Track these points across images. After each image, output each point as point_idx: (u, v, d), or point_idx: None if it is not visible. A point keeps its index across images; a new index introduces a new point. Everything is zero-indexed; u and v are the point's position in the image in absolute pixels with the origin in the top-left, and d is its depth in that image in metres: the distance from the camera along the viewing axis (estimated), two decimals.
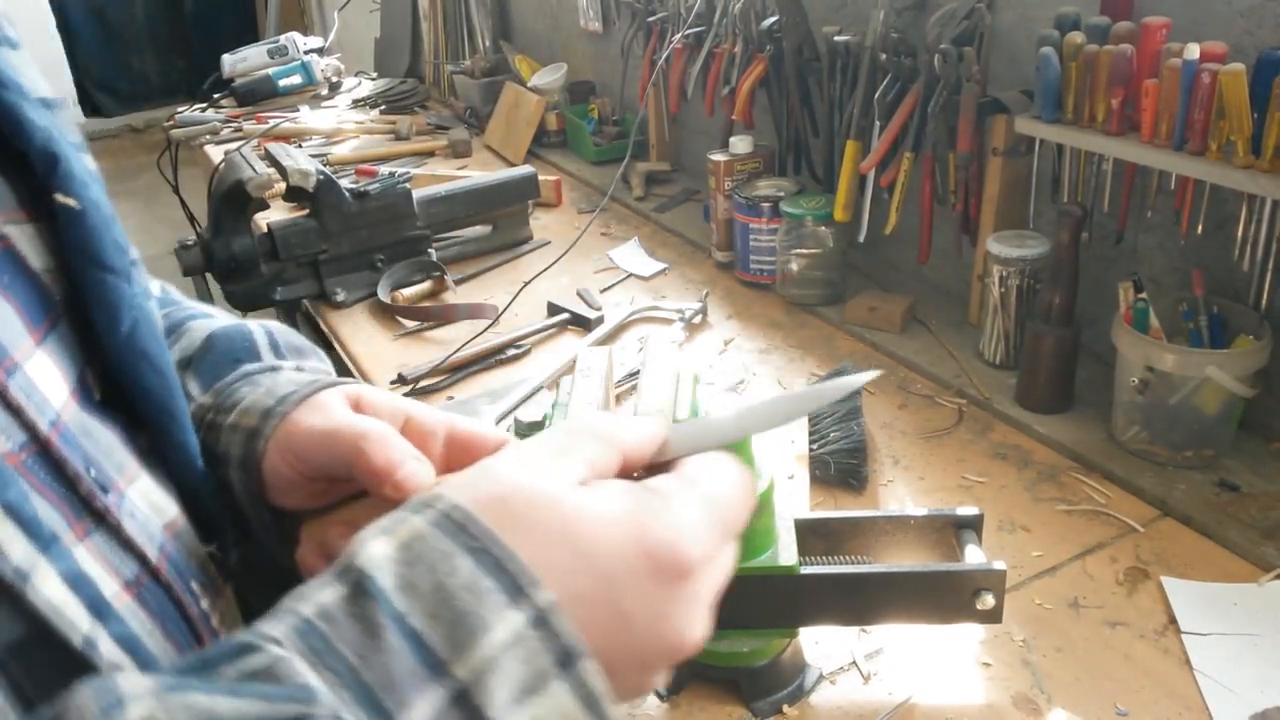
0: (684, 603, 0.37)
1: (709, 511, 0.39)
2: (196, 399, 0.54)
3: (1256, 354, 0.96)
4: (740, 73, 1.57)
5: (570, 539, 0.35)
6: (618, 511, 0.37)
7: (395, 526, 0.34)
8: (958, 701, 0.78)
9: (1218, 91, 0.91)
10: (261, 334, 0.58)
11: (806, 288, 1.42)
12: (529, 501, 0.36)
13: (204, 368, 0.55)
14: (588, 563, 0.35)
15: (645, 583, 0.36)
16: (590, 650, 0.33)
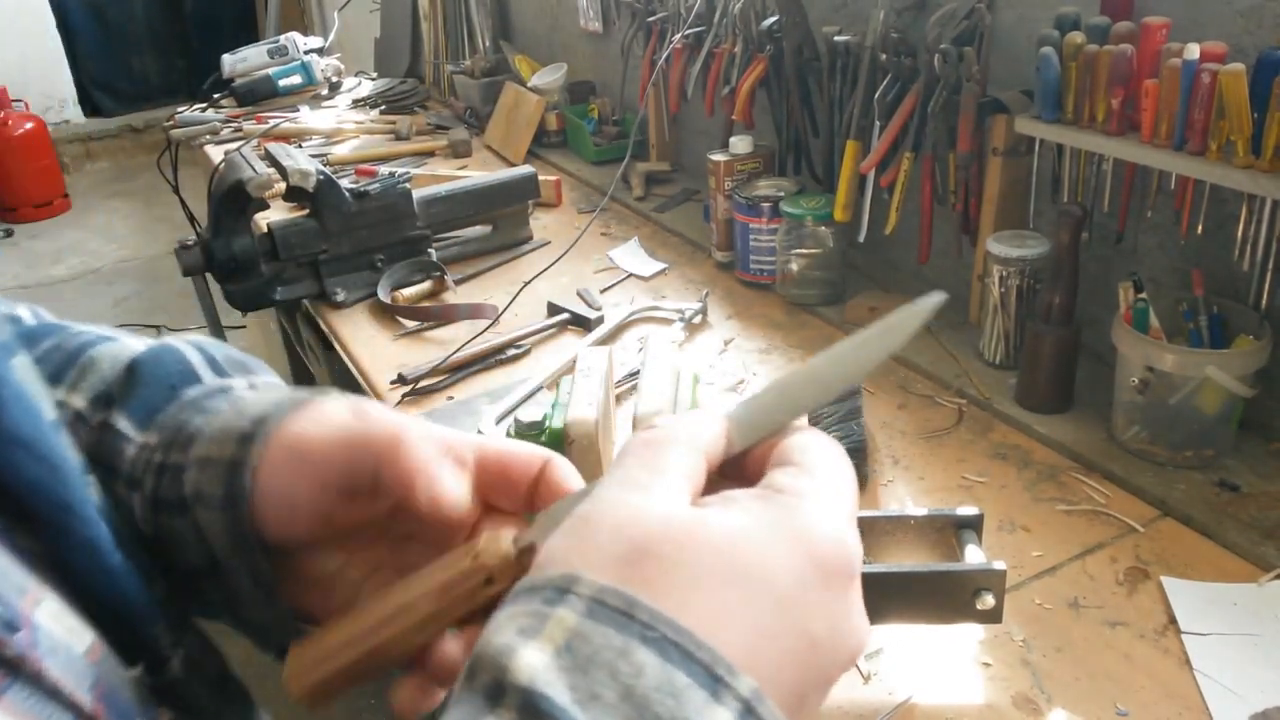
0: (856, 603, 0.34)
1: (841, 500, 0.35)
2: (135, 439, 0.45)
3: (1256, 354, 0.96)
4: (740, 73, 1.57)
5: (736, 571, 0.31)
6: (768, 524, 0.32)
7: (539, 625, 0.29)
8: (958, 701, 0.78)
9: (1218, 91, 0.91)
10: (195, 353, 0.49)
11: (806, 288, 1.42)
12: (673, 543, 0.31)
13: (133, 402, 0.46)
14: (764, 590, 0.31)
15: (823, 595, 0.32)
16: (788, 690, 0.30)
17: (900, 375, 1.25)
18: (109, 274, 4.59)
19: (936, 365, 1.24)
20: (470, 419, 1.18)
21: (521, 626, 0.28)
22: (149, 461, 0.44)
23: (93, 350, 0.48)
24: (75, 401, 0.46)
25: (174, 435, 0.44)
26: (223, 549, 0.42)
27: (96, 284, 4.49)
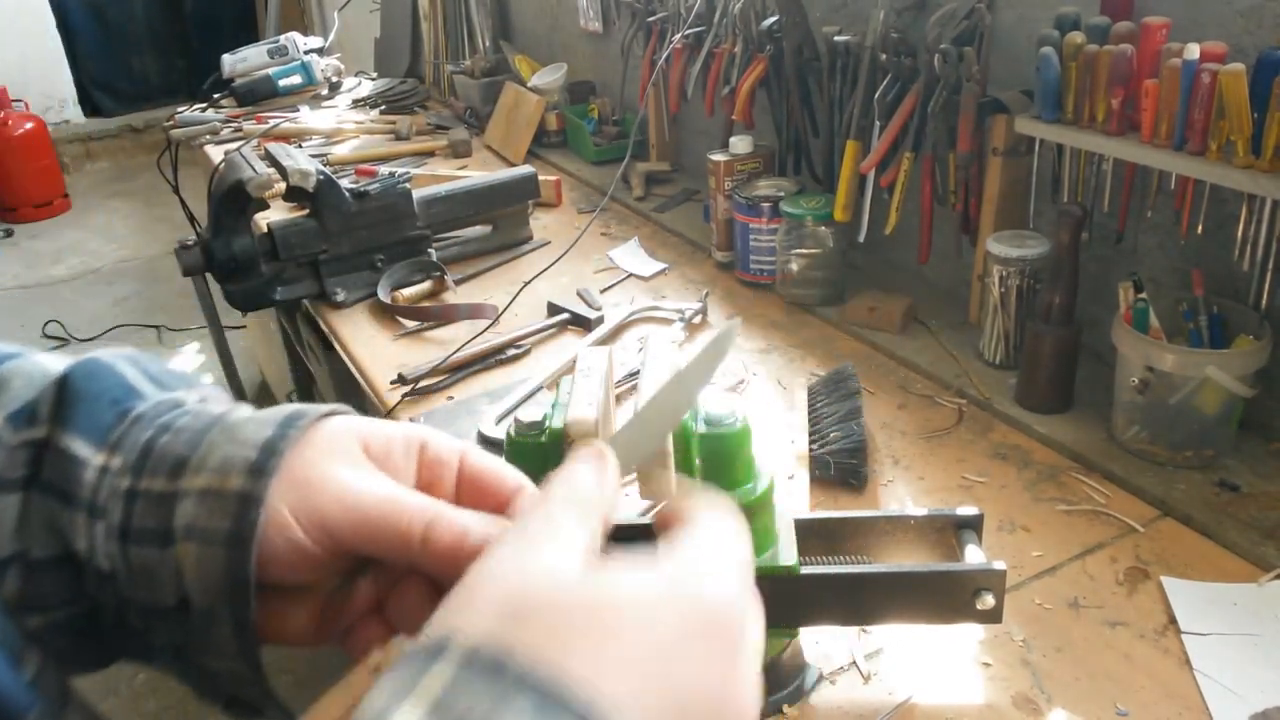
0: (743, 666, 0.33)
1: (732, 562, 0.35)
2: (91, 462, 0.41)
3: (1256, 354, 0.96)
4: (740, 73, 1.57)
5: (619, 627, 0.31)
6: (654, 583, 0.33)
7: (412, 685, 0.28)
8: (958, 701, 0.78)
9: (1218, 91, 0.91)
10: (128, 365, 0.45)
11: (806, 288, 1.42)
12: (555, 599, 0.31)
13: (79, 421, 0.42)
14: (646, 645, 0.31)
15: (708, 653, 0.32)
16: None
17: (900, 375, 1.25)
18: (109, 274, 4.59)
19: (936, 365, 1.24)
20: (470, 419, 1.18)
21: (395, 689, 0.28)
22: (114, 488, 0.41)
23: (5, 366, 0.44)
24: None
25: (143, 458, 0.41)
26: (207, 589, 0.39)
27: (96, 284, 4.49)
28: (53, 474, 0.41)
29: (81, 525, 0.40)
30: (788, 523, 0.74)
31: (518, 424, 0.69)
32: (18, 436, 0.41)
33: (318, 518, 0.40)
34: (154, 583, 0.40)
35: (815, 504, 1.01)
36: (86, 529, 0.40)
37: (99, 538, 0.40)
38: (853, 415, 1.08)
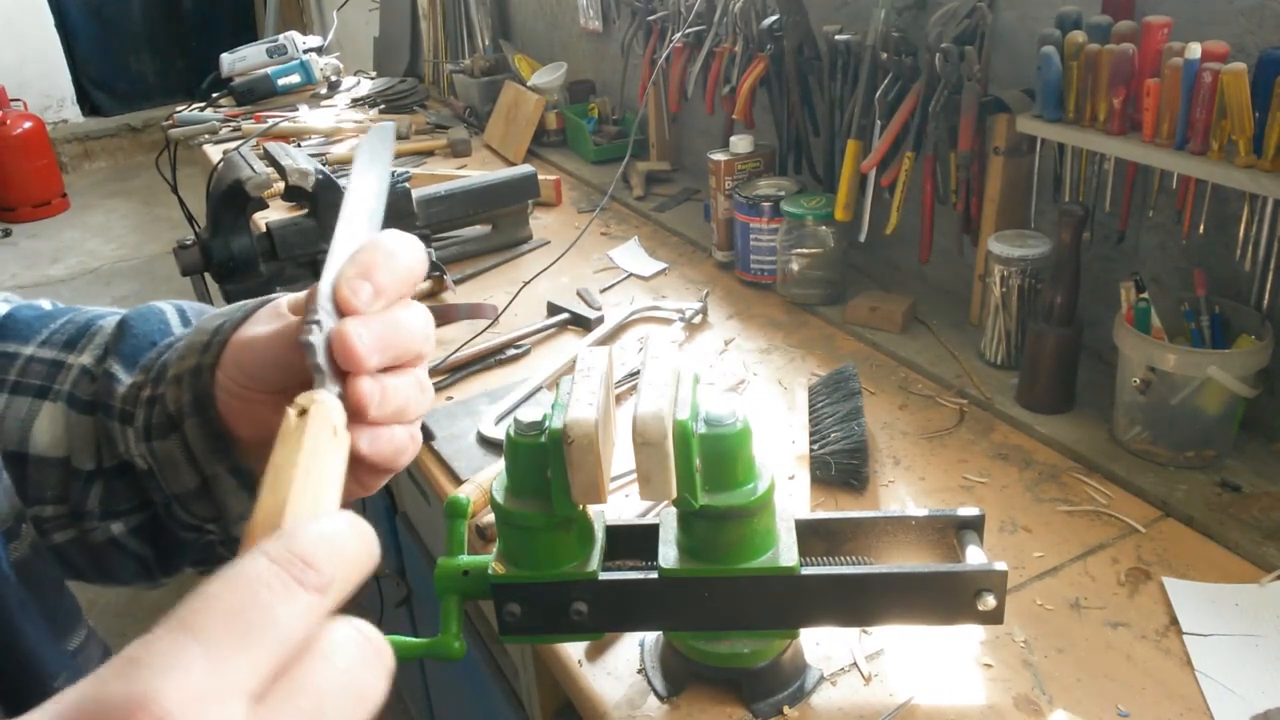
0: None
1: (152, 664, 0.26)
2: (124, 380, 0.52)
3: (1258, 354, 0.96)
4: (740, 72, 1.57)
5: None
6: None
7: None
8: (959, 703, 0.78)
9: (1219, 91, 0.90)
10: (172, 311, 0.57)
11: (807, 287, 1.42)
12: None
13: (124, 350, 0.53)
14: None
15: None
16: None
17: (901, 376, 1.25)
18: (107, 273, 4.59)
19: (937, 365, 1.24)
20: (470, 419, 1.18)
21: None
22: (138, 398, 0.50)
23: (100, 321, 0.56)
24: (84, 360, 0.53)
25: (158, 372, 0.50)
26: (204, 457, 0.48)
27: (95, 284, 4.49)
28: (103, 395, 0.50)
29: (118, 432, 0.49)
30: (788, 523, 0.74)
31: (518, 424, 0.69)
32: (99, 369, 0.52)
33: (240, 369, 0.47)
34: (177, 469, 0.48)
35: (816, 504, 1.01)
36: (122, 435, 0.49)
37: (132, 441, 0.49)
38: (853, 415, 1.08)
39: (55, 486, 0.50)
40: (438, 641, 0.73)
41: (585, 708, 0.82)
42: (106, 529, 0.51)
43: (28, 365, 0.52)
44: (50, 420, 0.50)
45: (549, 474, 0.67)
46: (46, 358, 0.53)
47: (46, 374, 0.52)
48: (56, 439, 0.50)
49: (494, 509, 0.72)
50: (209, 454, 0.48)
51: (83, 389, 0.51)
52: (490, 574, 0.73)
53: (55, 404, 0.51)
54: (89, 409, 0.50)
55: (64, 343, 0.54)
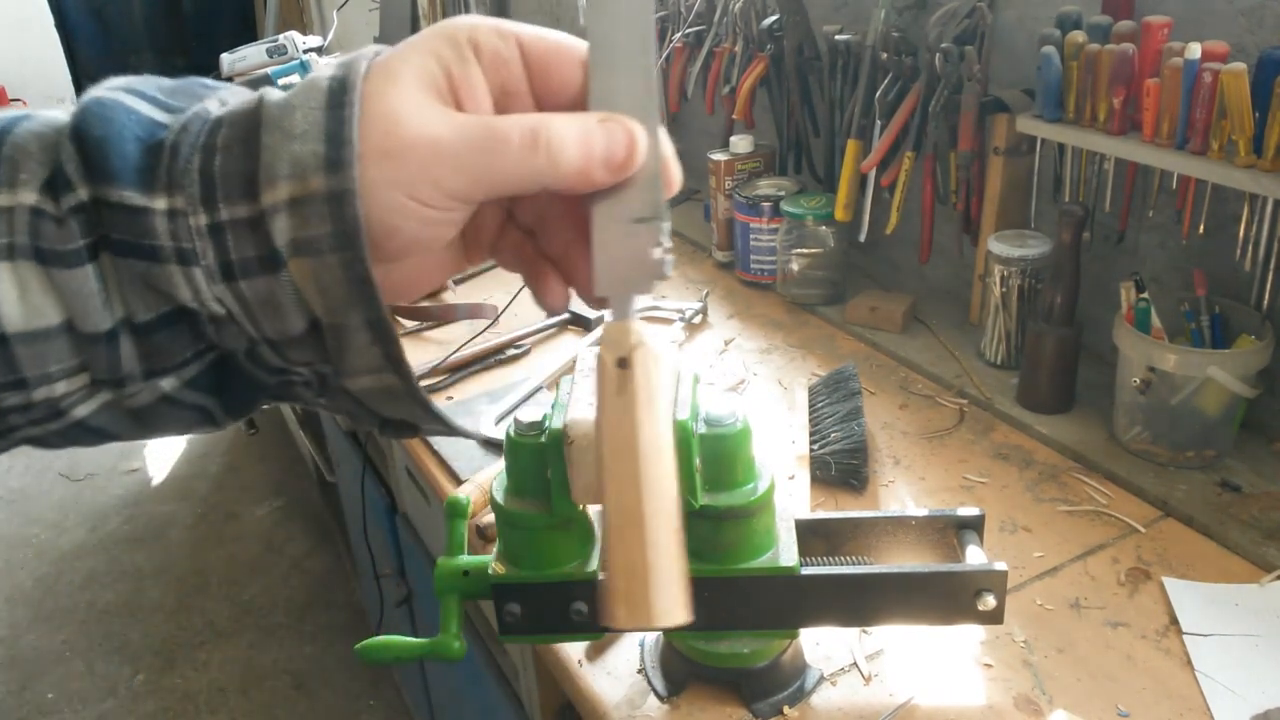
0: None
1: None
2: (155, 208, 0.38)
3: (1258, 354, 0.96)
4: (741, 72, 1.57)
5: None
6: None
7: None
8: (959, 703, 0.78)
9: (1219, 91, 0.90)
10: (133, 99, 0.41)
11: (807, 287, 1.42)
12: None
13: (115, 169, 0.38)
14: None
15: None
16: None
17: (901, 376, 1.25)
18: None
19: (938, 365, 1.24)
20: (470, 419, 1.18)
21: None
22: (195, 228, 0.37)
23: (6, 140, 0.40)
24: (25, 199, 0.38)
25: (208, 189, 0.37)
26: (332, 302, 0.37)
27: None
28: (123, 233, 0.37)
29: (178, 276, 0.37)
30: (788, 523, 0.74)
31: (518, 424, 0.69)
32: (61, 207, 0.38)
33: (418, 184, 0.37)
34: (279, 312, 0.38)
35: (816, 504, 1.01)
36: (185, 279, 0.38)
37: (201, 284, 0.38)
38: (854, 415, 1.08)
39: (62, 358, 0.39)
40: (438, 641, 0.73)
41: (585, 708, 0.82)
42: (155, 388, 0.40)
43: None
44: (14, 286, 0.38)
45: (549, 474, 0.67)
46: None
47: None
48: (36, 307, 0.38)
49: (494, 509, 0.72)
50: (340, 300, 0.37)
51: (52, 236, 0.37)
52: (490, 574, 0.73)
53: (12, 264, 0.38)
54: (85, 256, 0.38)
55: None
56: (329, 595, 2.64)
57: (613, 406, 0.35)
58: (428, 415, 0.40)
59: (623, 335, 0.37)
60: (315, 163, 0.36)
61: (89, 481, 3.20)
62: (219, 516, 2.99)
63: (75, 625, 2.61)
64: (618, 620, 0.37)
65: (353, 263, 0.36)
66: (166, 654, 2.50)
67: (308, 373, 0.40)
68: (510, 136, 0.37)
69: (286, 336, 0.38)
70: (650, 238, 0.38)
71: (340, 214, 0.35)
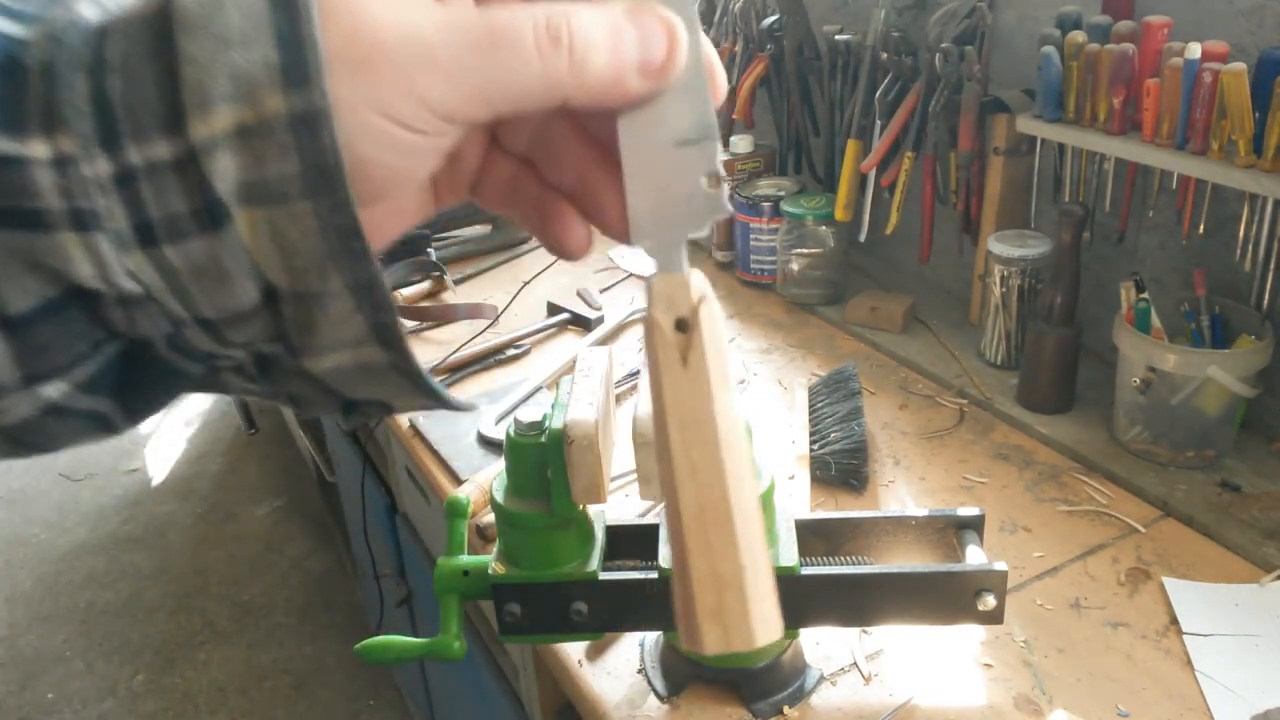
0: None
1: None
2: (31, 156, 0.26)
3: (1258, 354, 0.96)
4: (740, 72, 1.57)
5: None
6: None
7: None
8: (959, 703, 0.78)
9: (1219, 91, 0.90)
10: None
11: (807, 287, 1.42)
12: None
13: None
14: None
15: None
16: None
17: (901, 376, 1.25)
18: None
19: (938, 366, 1.24)
20: (470, 419, 1.18)
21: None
22: (92, 179, 0.27)
23: None
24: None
25: (106, 122, 0.26)
26: (299, 262, 0.27)
27: None
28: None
29: (73, 247, 0.27)
30: (788, 523, 0.74)
31: (518, 424, 0.69)
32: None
33: (398, 101, 0.27)
34: (221, 284, 0.28)
35: (816, 504, 1.01)
36: (84, 250, 0.27)
37: (107, 255, 0.27)
38: (853, 415, 1.08)
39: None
40: (438, 641, 0.73)
41: (585, 708, 0.82)
42: (36, 397, 0.30)
43: None
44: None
45: (549, 474, 0.67)
46: None
47: None
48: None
49: (494, 509, 0.72)
50: (315, 261, 0.27)
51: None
52: (490, 574, 0.73)
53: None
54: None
55: None
56: (329, 595, 2.64)
57: (678, 381, 0.29)
58: (419, 390, 0.31)
59: (679, 290, 0.31)
60: (268, 76, 0.26)
61: (89, 481, 3.20)
62: (219, 516, 2.99)
63: (75, 625, 2.61)
64: (707, 644, 0.31)
65: (334, 210, 0.27)
66: (166, 654, 2.50)
67: (244, 355, 0.31)
68: (522, 34, 0.28)
69: (230, 313, 0.29)
70: (701, 163, 0.30)
71: (313, 145, 0.26)
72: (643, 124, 0.30)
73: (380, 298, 0.28)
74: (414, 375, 0.30)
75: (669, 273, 0.32)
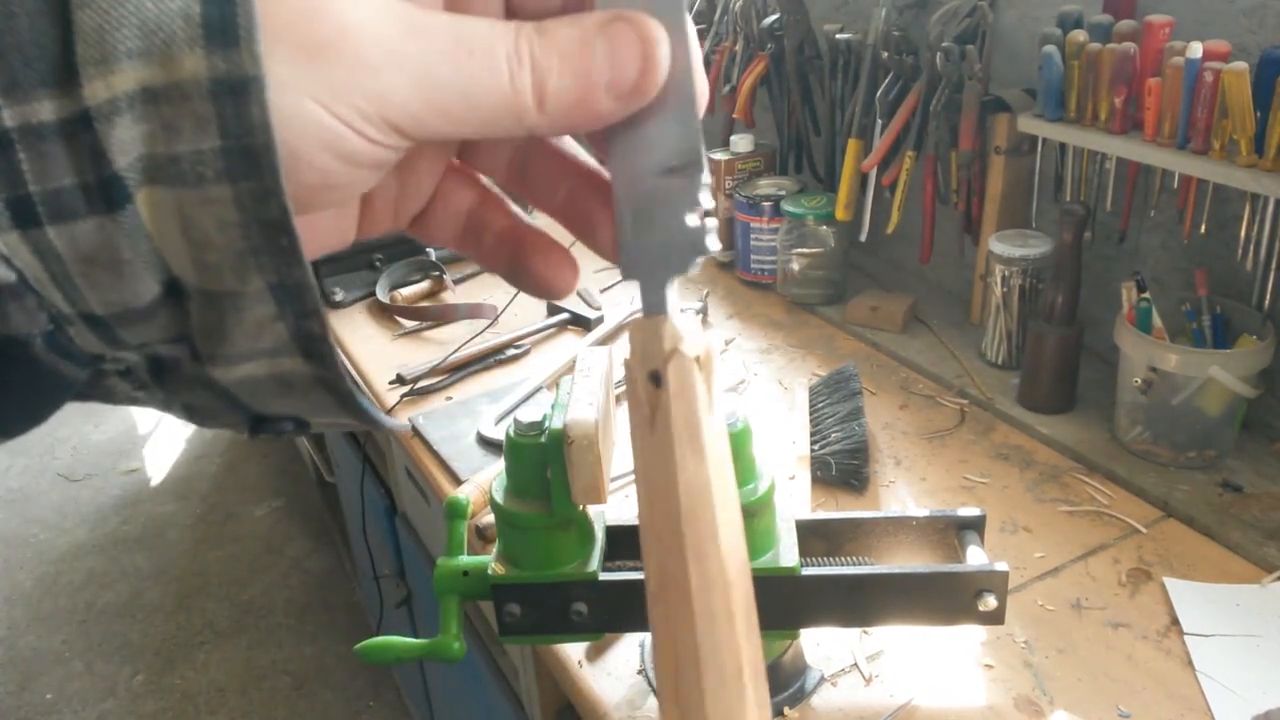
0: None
1: None
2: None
3: (1259, 354, 0.96)
4: (741, 71, 1.56)
5: None
6: None
7: None
8: (959, 703, 0.77)
9: (1220, 90, 0.90)
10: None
11: (807, 287, 1.42)
12: None
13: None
14: None
15: None
16: None
17: (902, 376, 1.24)
18: None
19: (938, 366, 1.24)
20: (470, 419, 1.18)
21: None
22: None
23: None
24: None
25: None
26: (218, 258, 0.23)
27: None
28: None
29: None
30: (789, 524, 0.74)
31: (517, 424, 0.69)
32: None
33: (348, 95, 0.23)
34: (114, 275, 0.23)
35: (816, 505, 1.01)
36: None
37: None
38: (854, 415, 1.07)
39: None
40: (438, 642, 0.73)
41: (585, 708, 0.82)
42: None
43: None
44: None
45: (549, 474, 0.67)
46: None
47: None
48: None
49: (494, 509, 0.72)
50: (233, 257, 0.23)
51: None
52: (490, 574, 0.72)
53: None
54: None
55: None
56: (329, 595, 2.64)
57: (645, 443, 0.26)
58: (344, 408, 0.27)
59: (654, 340, 0.27)
60: (187, 30, 0.21)
61: (89, 481, 3.20)
62: (219, 516, 2.99)
63: (75, 625, 2.61)
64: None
65: (259, 199, 0.22)
66: (166, 654, 2.50)
67: (137, 357, 0.26)
68: (494, 47, 0.25)
69: (123, 309, 0.24)
70: (687, 195, 0.27)
71: (237, 119, 0.22)
72: (629, 147, 0.27)
73: (309, 304, 0.24)
74: (341, 392, 0.26)
75: (651, 316, 0.28)
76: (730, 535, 0.27)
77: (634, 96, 0.26)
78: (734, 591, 0.28)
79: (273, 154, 0.22)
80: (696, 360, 0.27)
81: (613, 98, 0.26)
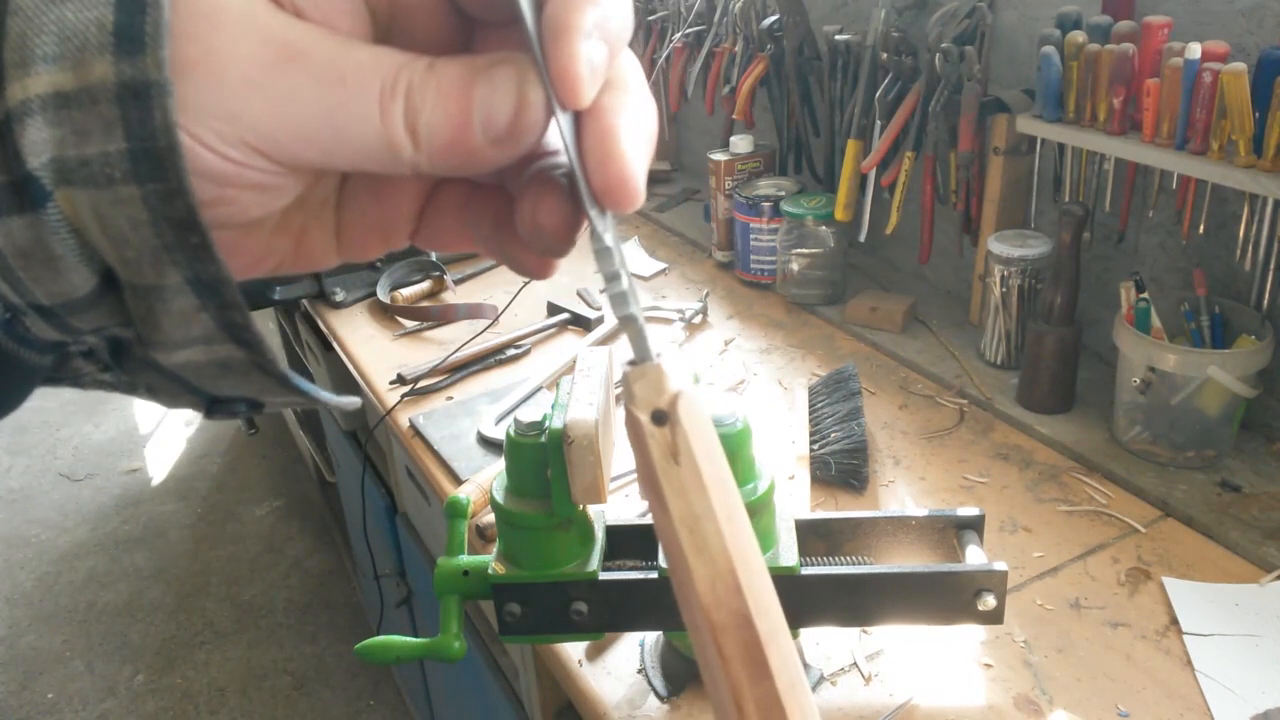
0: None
1: None
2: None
3: (1258, 354, 0.96)
4: (741, 72, 1.57)
5: None
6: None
7: None
8: (959, 703, 0.78)
9: (1219, 91, 0.90)
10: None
11: (807, 287, 1.42)
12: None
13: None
14: None
15: None
16: None
17: (901, 376, 1.25)
18: None
19: (938, 365, 1.24)
20: (470, 419, 1.18)
21: None
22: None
23: None
24: None
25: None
26: (134, 254, 0.24)
27: None
28: None
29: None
30: (788, 523, 0.74)
31: (518, 424, 0.69)
32: None
33: (209, 116, 0.23)
34: (50, 268, 0.24)
35: (816, 504, 1.01)
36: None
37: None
38: (854, 415, 1.08)
39: None
40: (438, 642, 0.73)
41: (585, 708, 0.82)
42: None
43: None
44: None
45: (549, 474, 0.67)
46: None
47: None
48: None
49: (494, 509, 0.72)
50: (147, 254, 0.24)
51: None
52: (490, 574, 0.73)
53: None
54: None
55: None
56: (329, 595, 2.64)
57: (672, 480, 0.25)
58: (288, 389, 0.28)
59: (654, 382, 0.27)
60: (100, 37, 0.22)
61: (89, 481, 3.20)
62: (219, 516, 2.99)
63: (75, 625, 2.61)
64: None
65: (165, 199, 0.23)
66: (166, 654, 2.50)
67: (96, 340, 0.28)
68: (369, 78, 0.24)
69: (66, 300, 0.25)
70: (618, 302, 0.26)
71: (141, 122, 0.22)
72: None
73: (227, 296, 0.25)
74: (278, 375, 0.27)
75: (641, 364, 0.27)
76: (761, 561, 0.27)
77: (510, 140, 0.25)
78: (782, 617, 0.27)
79: (176, 155, 0.23)
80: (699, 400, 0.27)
81: (487, 140, 0.25)
